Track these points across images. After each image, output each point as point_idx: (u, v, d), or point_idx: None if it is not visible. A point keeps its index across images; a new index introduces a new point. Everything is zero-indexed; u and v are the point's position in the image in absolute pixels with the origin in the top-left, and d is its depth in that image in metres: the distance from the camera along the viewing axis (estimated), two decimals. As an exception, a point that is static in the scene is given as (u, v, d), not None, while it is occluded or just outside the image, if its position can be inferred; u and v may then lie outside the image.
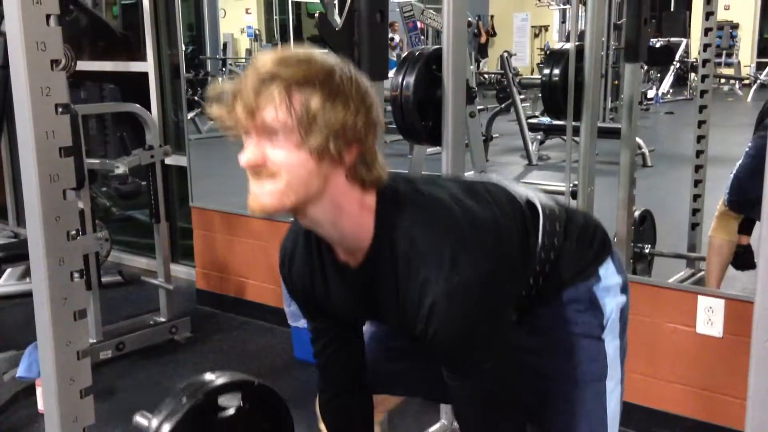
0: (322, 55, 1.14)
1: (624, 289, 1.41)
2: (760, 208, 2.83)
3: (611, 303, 1.37)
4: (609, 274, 1.38)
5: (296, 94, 1.06)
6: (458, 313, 1.13)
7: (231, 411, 1.52)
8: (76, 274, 1.53)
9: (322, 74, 1.08)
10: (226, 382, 1.55)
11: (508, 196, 1.33)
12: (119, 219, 4.63)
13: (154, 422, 1.48)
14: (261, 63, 1.09)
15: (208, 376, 1.56)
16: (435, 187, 1.24)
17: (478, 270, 1.13)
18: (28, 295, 1.58)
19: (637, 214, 3.05)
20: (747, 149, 2.71)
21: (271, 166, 1.09)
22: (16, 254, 3.14)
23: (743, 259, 2.84)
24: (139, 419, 1.66)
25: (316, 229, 1.19)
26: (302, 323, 2.75)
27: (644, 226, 3.18)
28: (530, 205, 1.35)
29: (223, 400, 1.52)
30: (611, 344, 1.38)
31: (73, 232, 1.52)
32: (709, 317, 2.32)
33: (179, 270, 4.01)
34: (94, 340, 3.01)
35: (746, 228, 2.82)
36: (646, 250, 3.12)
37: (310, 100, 1.06)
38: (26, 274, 3.76)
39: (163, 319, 3.33)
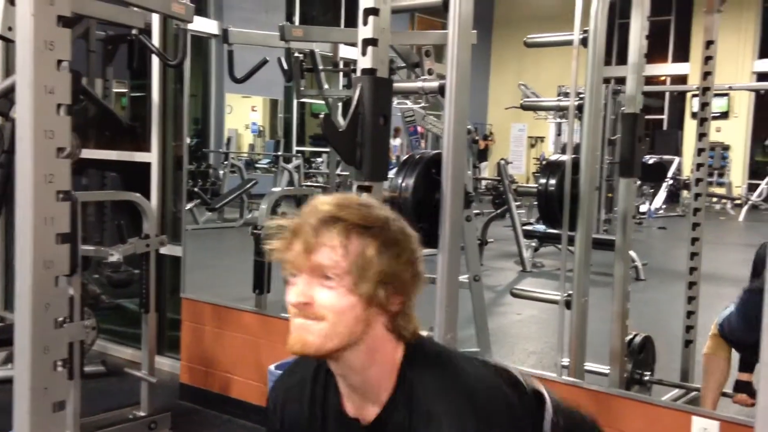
0: (378, 203, 1.17)
1: None
2: (742, 346, 2.79)
3: None
4: None
5: (354, 239, 1.08)
6: None
7: None
8: (59, 363, 1.50)
9: (380, 222, 1.11)
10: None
11: (512, 380, 1.30)
12: (108, 307, 4.57)
13: None
14: (321, 204, 1.11)
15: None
16: (456, 353, 1.25)
17: None
18: (8, 382, 1.54)
19: (638, 339, 2.99)
20: (740, 293, 2.69)
21: (318, 309, 1.09)
22: (0, 339, 3.09)
23: (744, 391, 2.74)
24: None
25: (344, 374, 1.17)
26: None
27: (644, 353, 3.05)
28: (537, 393, 1.32)
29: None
30: None
31: (61, 320, 1.50)
32: (704, 439, 2.25)
33: (164, 362, 3.93)
34: (71, 432, 2.91)
35: (745, 366, 2.74)
36: (645, 378, 3.00)
37: (367, 247, 1.09)
38: (9, 359, 3.67)
39: (143, 414, 3.23)
